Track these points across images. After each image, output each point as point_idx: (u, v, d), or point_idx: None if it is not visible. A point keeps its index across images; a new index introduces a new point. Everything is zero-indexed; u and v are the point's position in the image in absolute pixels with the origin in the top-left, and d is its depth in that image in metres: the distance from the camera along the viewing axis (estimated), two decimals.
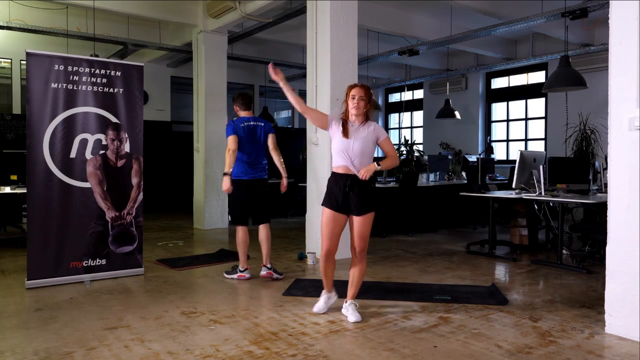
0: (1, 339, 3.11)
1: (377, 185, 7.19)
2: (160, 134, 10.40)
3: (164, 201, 10.37)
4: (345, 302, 3.54)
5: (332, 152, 3.53)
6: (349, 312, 3.46)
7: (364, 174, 3.32)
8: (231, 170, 4.50)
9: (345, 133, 3.39)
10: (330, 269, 3.55)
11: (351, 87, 3.48)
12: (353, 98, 3.41)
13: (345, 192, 3.39)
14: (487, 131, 11.07)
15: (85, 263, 4.51)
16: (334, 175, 3.47)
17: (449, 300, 3.92)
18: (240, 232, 4.69)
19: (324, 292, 3.66)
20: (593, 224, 5.54)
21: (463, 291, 4.19)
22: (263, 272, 4.65)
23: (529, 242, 6.12)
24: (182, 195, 10.00)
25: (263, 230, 4.72)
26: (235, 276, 4.67)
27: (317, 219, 5.09)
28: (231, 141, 4.49)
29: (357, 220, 3.44)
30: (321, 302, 3.62)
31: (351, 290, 3.54)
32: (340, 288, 3.76)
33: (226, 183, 4.47)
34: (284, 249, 6.16)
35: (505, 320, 3.47)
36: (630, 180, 3.13)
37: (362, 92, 3.43)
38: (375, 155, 4.08)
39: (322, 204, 3.50)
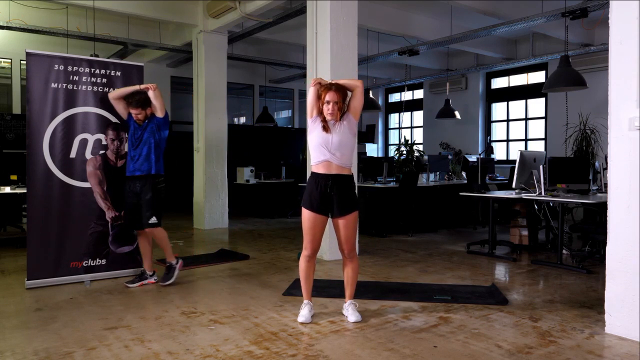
0: (1, 339, 3.11)
1: (377, 185, 7.20)
2: None
3: (164, 201, 10.35)
4: (345, 302, 3.53)
5: (310, 149, 3.43)
6: (349, 312, 3.46)
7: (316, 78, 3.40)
8: None
9: (327, 128, 3.33)
10: (312, 272, 3.48)
11: (325, 90, 3.33)
12: (328, 103, 3.30)
13: (325, 193, 3.32)
14: (487, 131, 11.08)
15: (85, 263, 4.50)
16: (314, 176, 3.37)
17: (449, 300, 3.92)
18: (164, 232, 4.50)
19: (305, 301, 3.47)
20: (593, 224, 5.54)
21: (463, 291, 4.19)
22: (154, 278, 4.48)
23: (529, 242, 6.11)
24: (182, 195, 9.99)
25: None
26: (145, 282, 4.41)
27: None
28: None
29: (340, 221, 3.38)
30: (306, 311, 3.42)
31: (348, 290, 3.52)
32: (339, 288, 3.75)
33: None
34: (284, 249, 6.16)
35: (505, 320, 3.47)
36: (630, 180, 3.13)
37: (337, 96, 3.30)
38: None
39: (302, 205, 3.41)
